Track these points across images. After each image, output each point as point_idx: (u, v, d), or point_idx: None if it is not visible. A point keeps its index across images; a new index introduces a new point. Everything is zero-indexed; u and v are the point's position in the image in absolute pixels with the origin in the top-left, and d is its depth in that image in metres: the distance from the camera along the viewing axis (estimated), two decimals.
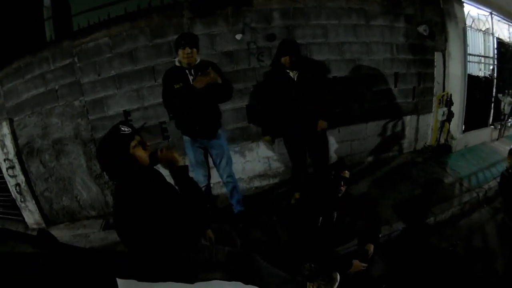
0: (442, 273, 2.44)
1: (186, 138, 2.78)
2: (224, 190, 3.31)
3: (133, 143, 1.43)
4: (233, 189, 2.96)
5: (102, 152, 1.47)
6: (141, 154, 1.46)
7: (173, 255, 1.52)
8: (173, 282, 1.45)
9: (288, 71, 2.80)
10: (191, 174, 1.60)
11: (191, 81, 2.48)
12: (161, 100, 3.21)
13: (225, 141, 2.85)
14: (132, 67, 3.19)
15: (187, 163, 2.60)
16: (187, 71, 2.52)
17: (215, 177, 3.14)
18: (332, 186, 2.21)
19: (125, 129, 1.45)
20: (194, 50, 2.48)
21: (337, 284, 1.95)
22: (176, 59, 2.57)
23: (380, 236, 2.36)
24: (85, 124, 3.30)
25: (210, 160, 2.92)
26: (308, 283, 1.93)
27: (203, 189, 2.84)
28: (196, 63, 2.53)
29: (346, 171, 2.22)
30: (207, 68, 2.43)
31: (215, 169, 2.93)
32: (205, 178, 2.88)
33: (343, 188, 2.22)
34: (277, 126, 3.05)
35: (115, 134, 1.44)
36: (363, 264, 2.15)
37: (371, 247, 2.20)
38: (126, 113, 3.29)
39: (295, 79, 2.81)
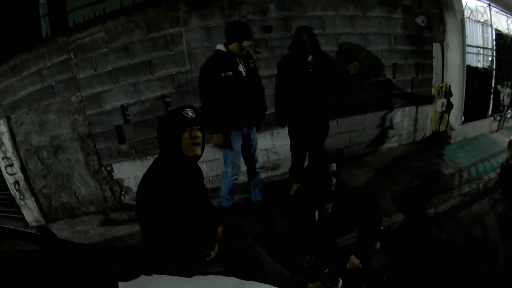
0: (442, 264, 2.43)
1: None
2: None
3: (186, 129, 1.52)
4: (258, 177, 2.99)
5: (159, 122, 1.62)
6: (187, 142, 1.53)
7: (177, 244, 1.51)
8: (170, 276, 1.44)
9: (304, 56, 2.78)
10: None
11: (241, 69, 2.56)
12: (157, 93, 3.25)
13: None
14: (128, 61, 3.18)
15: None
16: (237, 58, 2.56)
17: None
18: (323, 179, 2.19)
19: (188, 113, 1.53)
20: None
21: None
22: (221, 46, 2.55)
23: (382, 228, 2.34)
24: (82, 120, 3.28)
25: None
26: (308, 284, 1.90)
27: (234, 181, 2.83)
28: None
29: (333, 164, 2.17)
30: None
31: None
32: (239, 170, 2.85)
33: (333, 182, 2.19)
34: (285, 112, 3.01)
35: (178, 113, 1.54)
36: (358, 263, 2.08)
37: (377, 244, 2.22)
38: (123, 107, 3.27)
39: (310, 61, 2.77)
